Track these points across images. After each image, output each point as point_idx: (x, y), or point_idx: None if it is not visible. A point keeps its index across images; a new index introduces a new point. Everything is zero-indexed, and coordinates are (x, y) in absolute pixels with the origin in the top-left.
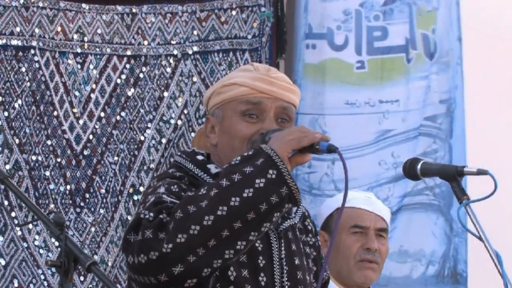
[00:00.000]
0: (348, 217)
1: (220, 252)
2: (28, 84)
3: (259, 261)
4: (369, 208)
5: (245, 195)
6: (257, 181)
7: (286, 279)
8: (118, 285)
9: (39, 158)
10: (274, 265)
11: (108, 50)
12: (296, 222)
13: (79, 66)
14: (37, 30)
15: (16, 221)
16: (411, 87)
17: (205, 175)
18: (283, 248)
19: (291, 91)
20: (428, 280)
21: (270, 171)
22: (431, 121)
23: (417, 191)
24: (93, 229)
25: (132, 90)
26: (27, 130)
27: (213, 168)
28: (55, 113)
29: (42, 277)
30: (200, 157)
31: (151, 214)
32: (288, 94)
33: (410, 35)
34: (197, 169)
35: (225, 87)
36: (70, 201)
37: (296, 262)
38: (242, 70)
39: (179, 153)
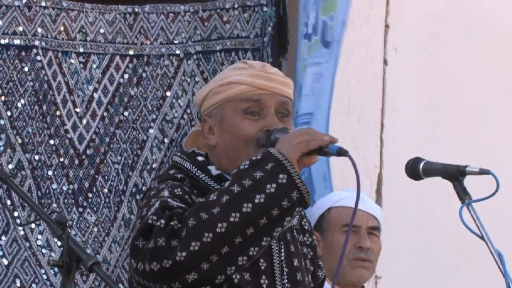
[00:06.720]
0: (340, 216)
1: (233, 259)
2: (31, 83)
3: (260, 263)
4: (361, 206)
5: (256, 201)
6: (268, 186)
7: (286, 280)
8: (120, 285)
9: (42, 157)
10: (275, 267)
11: (111, 50)
12: (295, 223)
13: (81, 66)
14: (39, 30)
15: (18, 221)
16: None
17: (206, 177)
18: (282, 250)
19: (288, 85)
20: None
21: (281, 176)
22: None
23: None
24: (95, 229)
25: (135, 89)
26: (30, 130)
27: (213, 170)
28: (58, 112)
29: (45, 276)
30: (200, 158)
31: (162, 221)
32: (285, 89)
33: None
34: (198, 171)
35: (223, 87)
36: (73, 201)
37: (295, 263)
38: (236, 69)
39: (178, 153)
